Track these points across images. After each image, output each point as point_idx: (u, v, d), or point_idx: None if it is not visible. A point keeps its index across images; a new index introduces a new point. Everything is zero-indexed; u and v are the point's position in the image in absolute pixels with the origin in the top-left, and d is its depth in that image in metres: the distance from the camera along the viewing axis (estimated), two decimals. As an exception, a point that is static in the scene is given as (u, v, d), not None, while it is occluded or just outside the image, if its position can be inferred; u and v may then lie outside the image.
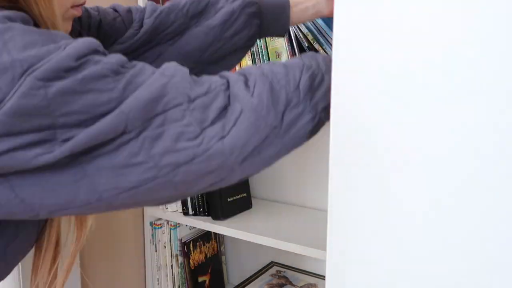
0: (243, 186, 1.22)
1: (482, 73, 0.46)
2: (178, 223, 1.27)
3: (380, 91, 0.53)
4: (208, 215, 1.17)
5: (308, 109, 0.49)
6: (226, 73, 0.48)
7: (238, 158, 0.44)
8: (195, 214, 1.18)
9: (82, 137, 0.37)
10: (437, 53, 0.49)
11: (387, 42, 0.51)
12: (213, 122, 0.42)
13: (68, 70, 0.36)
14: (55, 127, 0.36)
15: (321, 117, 0.51)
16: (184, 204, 1.19)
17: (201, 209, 1.17)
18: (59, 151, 0.36)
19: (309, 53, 0.56)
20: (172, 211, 1.22)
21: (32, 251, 0.55)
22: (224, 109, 0.43)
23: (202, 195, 1.17)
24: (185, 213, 1.19)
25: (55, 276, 0.54)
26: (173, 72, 0.43)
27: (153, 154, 0.39)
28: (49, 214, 0.41)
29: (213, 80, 0.45)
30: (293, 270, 1.29)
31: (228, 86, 0.45)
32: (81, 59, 0.38)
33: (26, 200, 0.38)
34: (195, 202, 1.17)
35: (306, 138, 0.51)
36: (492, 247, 0.48)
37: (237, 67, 1.04)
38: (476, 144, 0.47)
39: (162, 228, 1.27)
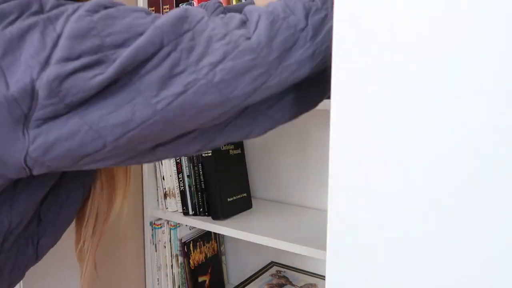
0: (243, 186, 1.22)
1: (482, 74, 0.46)
2: (178, 223, 1.27)
3: (380, 90, 0.53)
4: (208, 215, 1.17)
5: (331, 14, 0.52)
6: None
7: (270, 56, 0.48)
8: (195, 214, 1.18)
9: (127, 54, 0.44)
10: (437, 54, 0.49)
11: (387, 42, 0.51)
12: (236, 28, 0.48)
13: (106, 7, 0.46)
14: (104, 48, 0.44)
15: None
16: (184, 204, 1.19)
17: (201, 209, 1.17)
18: (111, 68, 0.43)
19: None
20: (172, 211, 1.23)
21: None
22: (244, 22, 0.49)
23: (202, 195, 1.16)
24: (185, 213, 1.19)
25: (98, 237, 0.67)
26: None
27: (191, 62, 0.46)
28: (115, 140, 0.46)
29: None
30: (293, 270, 1.29)
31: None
32: (115, 3, 0.48)
33: (93, 126, 0.45)
34: (195, 202, 1.17)
35: None
36: (493, 247, 0.48)
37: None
38: (476, 144, 0.48)
39: (162, 228, 1.27)
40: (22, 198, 0.52)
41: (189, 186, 1.17)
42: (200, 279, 1.30)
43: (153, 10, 1.18)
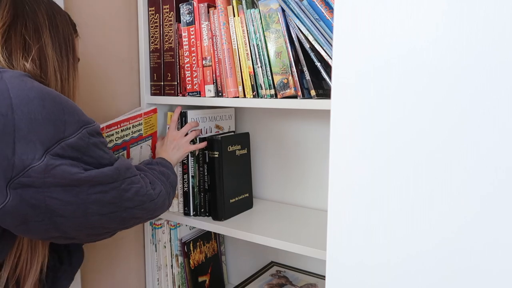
0: (247, 186, 1.22)
1: (480, 77, 0.46)
2: (178, 223, 1.27)
3: (378, 92, 0.53)
4: (208, 216, 1.17)
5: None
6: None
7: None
8: (196, 215, 1.18)
9: (93, 173, 0.65)
10: (436, 56, 0.49)
11: (387, 44, 0.51)
12: (152, 189, 0.80)
13: (98, 134, 0.69)
14: (81, 160, 0.65)
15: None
16: (186, 205, 1.18)
17: (202, 210, 1.17)
18: (86, 174, 0.64)
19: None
20: (173, 211, 1.23)
21: None
22: (150, 183, 0.82)
23: (204, 196, 1.16)
24: (186, 213, 1.19)
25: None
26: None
27: (123, 198, 0.71)
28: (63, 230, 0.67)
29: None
30: (293, 270, 1.29)
31: (145, 175, 0.83)
32: (100, 133, 0.70)
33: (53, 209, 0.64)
34: (197, 202, 1.17)
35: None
36: (488, 245, 0.48)
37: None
38: (473, 145, 0.48)
39: (162, 228, 1.27)
40: None
41: (193, 187, 1.17)
42: (200, 279, 1.30)
43: (153, 10, 1.18)
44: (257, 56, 0.99)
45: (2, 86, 0.60)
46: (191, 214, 1.18)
